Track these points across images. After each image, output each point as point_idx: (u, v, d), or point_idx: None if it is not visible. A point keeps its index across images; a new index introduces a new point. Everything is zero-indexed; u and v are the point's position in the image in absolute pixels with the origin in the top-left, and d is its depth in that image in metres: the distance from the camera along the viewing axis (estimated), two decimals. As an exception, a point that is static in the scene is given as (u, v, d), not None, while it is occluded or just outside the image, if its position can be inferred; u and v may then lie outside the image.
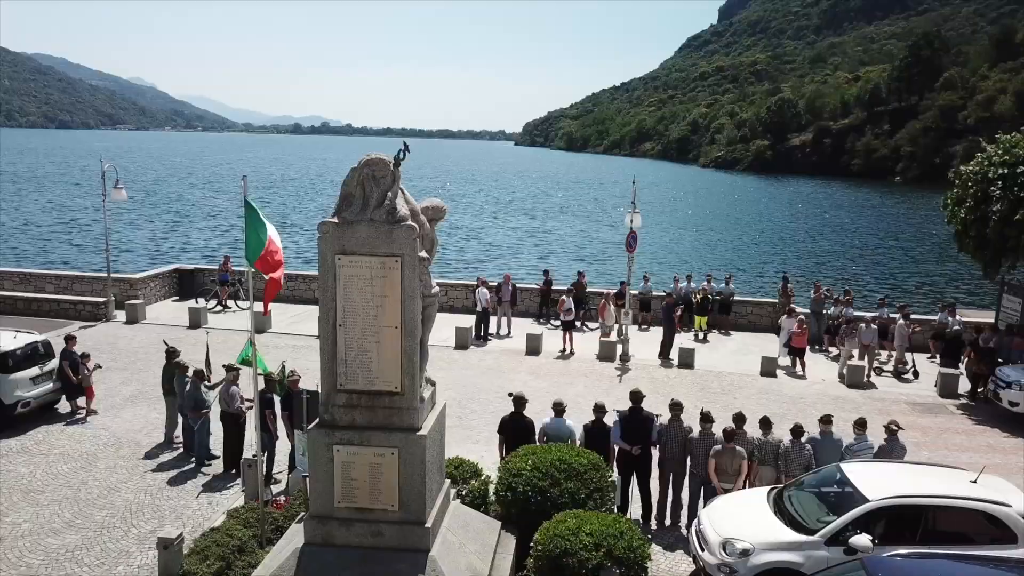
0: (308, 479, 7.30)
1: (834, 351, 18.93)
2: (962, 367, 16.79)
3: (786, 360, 17.82)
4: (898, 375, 17.56)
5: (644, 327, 21.37)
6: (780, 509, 8.50)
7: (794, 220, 63.38)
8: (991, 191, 15.78)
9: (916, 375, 17.39)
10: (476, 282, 20.49)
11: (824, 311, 19.79)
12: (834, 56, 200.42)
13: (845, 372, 16.93)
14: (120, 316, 20.51)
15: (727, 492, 9.20)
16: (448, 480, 8.21)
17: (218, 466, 11.44)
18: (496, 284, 20.59)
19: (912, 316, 19.15)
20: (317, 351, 7.05)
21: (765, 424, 9.92)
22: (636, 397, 9.96)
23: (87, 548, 9.11)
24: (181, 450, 11.91)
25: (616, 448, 9.88)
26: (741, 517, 8.44)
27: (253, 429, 11.06)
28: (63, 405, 13.66)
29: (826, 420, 9.94)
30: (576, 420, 13.88)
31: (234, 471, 11.00)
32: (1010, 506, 7.81)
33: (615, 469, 9.91)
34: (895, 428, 9.82)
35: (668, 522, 10.13)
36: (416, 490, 6.96)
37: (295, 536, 7.39)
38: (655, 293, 21.93)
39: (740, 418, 9.87)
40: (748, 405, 15.12)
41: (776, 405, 15.19)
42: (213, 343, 17.05)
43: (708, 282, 21.67)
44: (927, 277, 38.97)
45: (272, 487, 10.71)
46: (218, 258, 27.37)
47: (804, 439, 9.67)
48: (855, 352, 17.43)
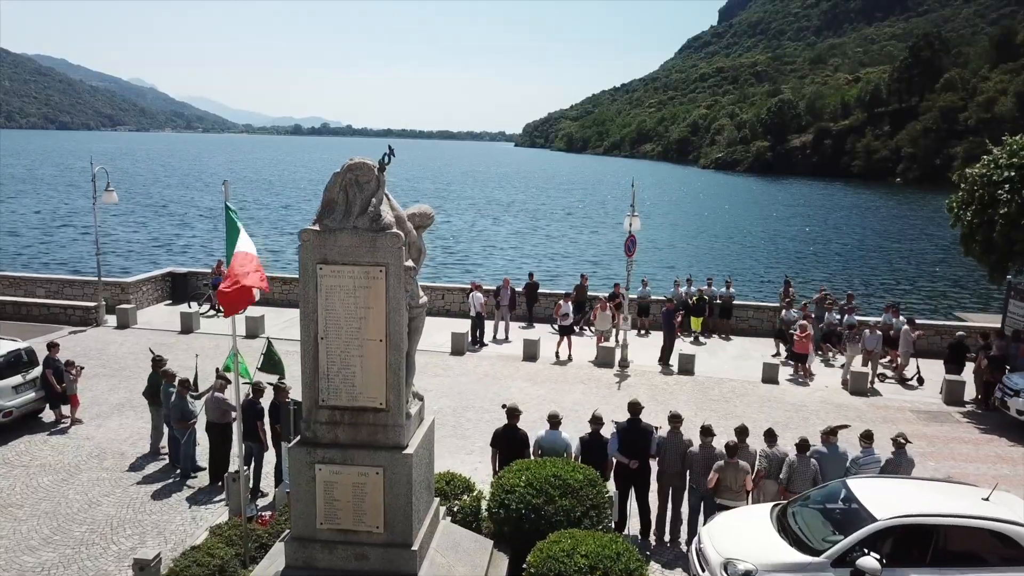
0: (289, 499, 6.97)
1: (836, 358, 18.55)
2: (964, 373, 16.47)
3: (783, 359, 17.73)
4: (902, 382, 17.22)
5: (643, 332, 21.04)
6: (784, 527, 8.16)
7: (795, 222, 63.03)
8: (997, 194, 15.44)
9: (921, 382, 17.05)
10: (471, 286, 20.15)
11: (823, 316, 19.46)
12: (834, 57, 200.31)
13: (848, 379, 16.58)
14: (111, 321, 20.18)
15: (730, 509, 8.86)
16: (437, 498, 7.87)
17: (204, 478, 11.10)
18: (495, 288, 20.26)
19: (916, 321, 18.83)
20: (312, 357, 6.73)
21: (770, 436, 9.58)
22: (634, 408, 9.62)
23: (63, 567, 8.77)
24: (167, 461, 11.57)
25: (613, 461, 9.53)
26: (743, 536, 8.10)
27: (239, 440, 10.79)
28: (47, 414, 13.32)
29: (831, 432, 9.59)
30: (573, 430, 13.60)
31: (220, 484, 10.67)
32: (1024, 525, 7.47)
33: (612, 482, 9.59)
34: (903, 441, 9.48)
35: (668, 538, 9.78)
36: (402, 511, 6.63)
37: (276, 558, 7.06)
38: (654, 297, 21.60)
39: (743, 431, 9.53)
40: (749, 413, 14.85)
41: (779, 413, 14.86)
42: (204, 348, 16.76)
43: (708, 286, 21.34)
44: (930, 280, 38.59)
45: (259, 500, 10.39)
46: (213, 261, 27.05)
47: (809, 452, 9.32)
48: (858, 358, 17.09)
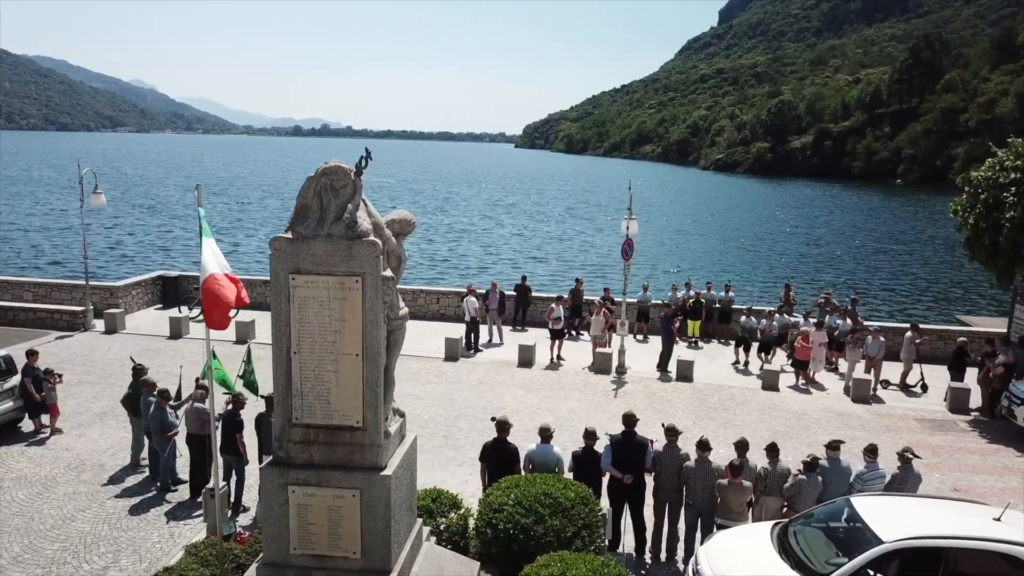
0: (262, 522, 6.59)
1: (837, 364, 18.17)
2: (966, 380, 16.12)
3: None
4: (905, 389, 16.84)
5: (641, 337, 20.67)
6: (785, 548, 7.77)
7: (796, 224, 62.64)
8: (1003, 197, 15.07)
9: (925, 389, 16.68)
10: (465, 290, 19.77)
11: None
12: (834, 58, 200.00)
13: (851, 386, 16.20)
14: (99, 326, 19.82)
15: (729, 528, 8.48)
16: (420, 519, 7.49)
17: (185, 492, 10.72)
18: (485, 292, 19.89)
19: (919, 326, 18.46)
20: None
21: (772, 451, 9.18)
22: (629, 421, 9.23)
23: (32, 588, 8.40)
24: (147, 474, 11.19)
25: (607, 476, 9.15)
26: (742, 557, 7.71)
27: (219, 452, 10.41)
28: (26, 424, 12.94)
29: (834, 446, 9.21)
30: (568, 439, 13.27)
31: (200, 499, 10.28)
32: (1039, 548, 7.08)
33: (606, 498, 9.21)
34: (909, 456, 9.10)
35: (664, 556, 9.39)
36: (380, 535, 6.24)
37: (249, 583, 6.69)
38: (655, 302, 21.22)
39: (743, 445, 9.14)
40: (749, 421, 14.48)
41: (779, 421, 14.49)
42: (193, 353, 16.36)
43: (707, 290, 20.98)
44: (933, 282, 38.19)
45: (240, 516, 10.02)
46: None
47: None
48: (860, 364, 16.72)
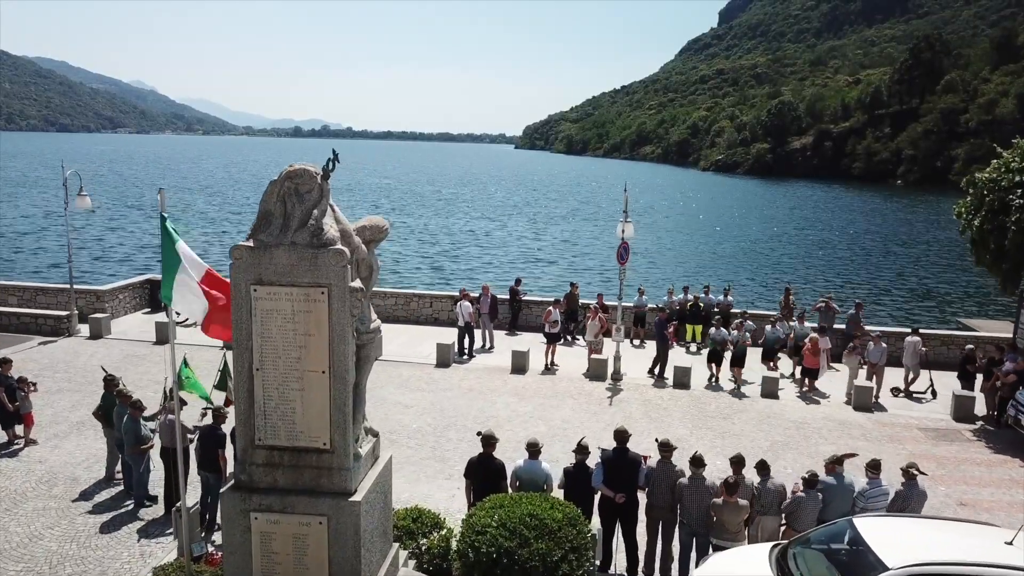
0: (224, 551, 6.17)
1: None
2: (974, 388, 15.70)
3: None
4: (909, 395, 16.44)
5: (639, 343, 20.24)
6: (784, 572, 7.35)
7: (797, 225, 62.23)
8: (1009, 200, 14.66)
9: (934, 395, 16.30)
10: (459, 294, 19.35)
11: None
12: (834, 59, 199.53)
13: (852, 394, 15.77)
14: (84, 331, 19.40)
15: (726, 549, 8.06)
16: (396, 544, 7.07)
17: (159, 508, 10.29)
18: (476, 296, 19.46)
19: (920, 331, 18.04)
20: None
21: (762, 469, 8.75)
22: (621, 437, 8.81)
23: (-9, 612, 7.99)
24: (121, 488, 10.77)
25: (599, 494, 8.73)
26: (739, 582, 7.30)
27: (196, 469, 10.00)
28: None
29: (836, 461, 8.78)
30: (561, 449, 12.85)
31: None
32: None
33: (597, 516, 8.79)
34: (915, 472, 8.67)
35: (657, 576, 8.97)
36: (349, 565, 5.83)
37: (212, 614, 6.27)
38: (652, 306, 20.77)
39: (739, 462, 8.72)
40: (748, 431, 14.06)
41: (778, 431, 14.06)
42: (178, 360, 15.86)
43: (705, 293, 20.56)
44: (936, 284, 37.76)
45: (216, 535, 9.58)
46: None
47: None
48: (863, 371, 16.31)
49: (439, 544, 7.99)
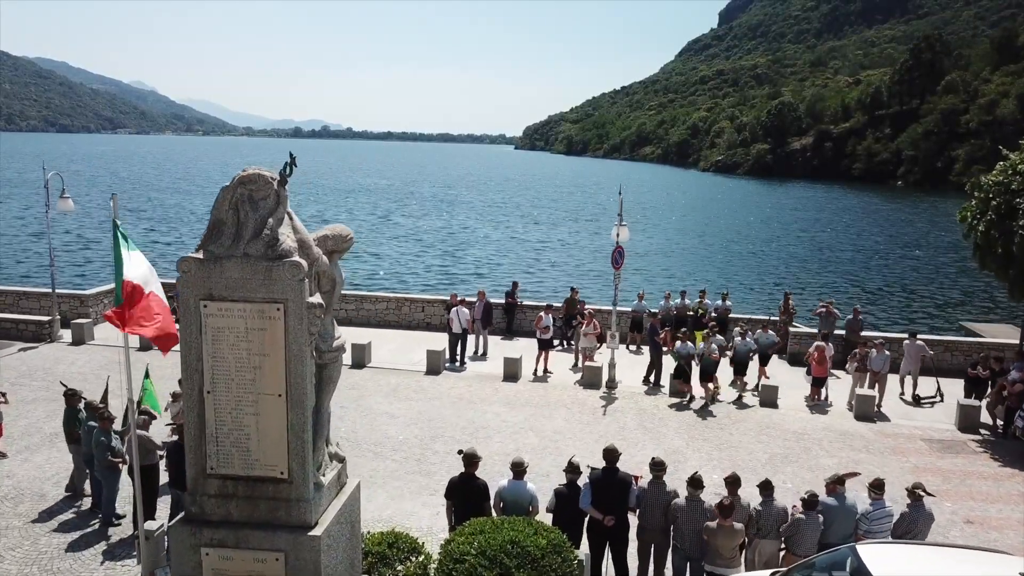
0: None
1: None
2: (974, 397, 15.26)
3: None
4: (916, 401, 16.01)
5: (635, 348, 19.76)
6: (783, 603, 6.89)
7: (797, 227, 61.73)
8: (1016, 203, 14.18)
9: (942, 398, 15.95)
10: (450, 299, 18.87)
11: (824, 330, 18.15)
12: (834, 60, 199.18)
13: (854, 403, 15.30)
14: (67, 336, 18.94)
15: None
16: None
17: (128, 527, 9.82)
18: (472, 301, 18.98)
19: (924, 337, 17.60)
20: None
21: (766, 489, 8.27)
22: (611, 456, 8.33)
23: (-60, 644, 7.52)
24: (90, 506, 10.30)
25: (587, 516, 8.26)
26: (735, 614, 6.83)
27: (169, 486, 9.54)
28: (-32, 447, 12.05)
29: (838, 481, 8.31)
30: (552, 462, 12.36)
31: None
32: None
33: (586, 539, 8.33)
34: (921, 494, 8.20)
35: (649, 603, 8.50)
36: (309, 605, 5.36)
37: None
38: (650, 311, 20.27)
39: (735, 482, 8.25)
40: (746, 442, 13.58)
41: (778, 442, 13.58)
42: (162, 367, 15.45)
43: (701, 298, 20.10)
44: (940, 287, 37.26)
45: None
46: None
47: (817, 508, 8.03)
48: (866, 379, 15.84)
49: (415, 572, 7.50)
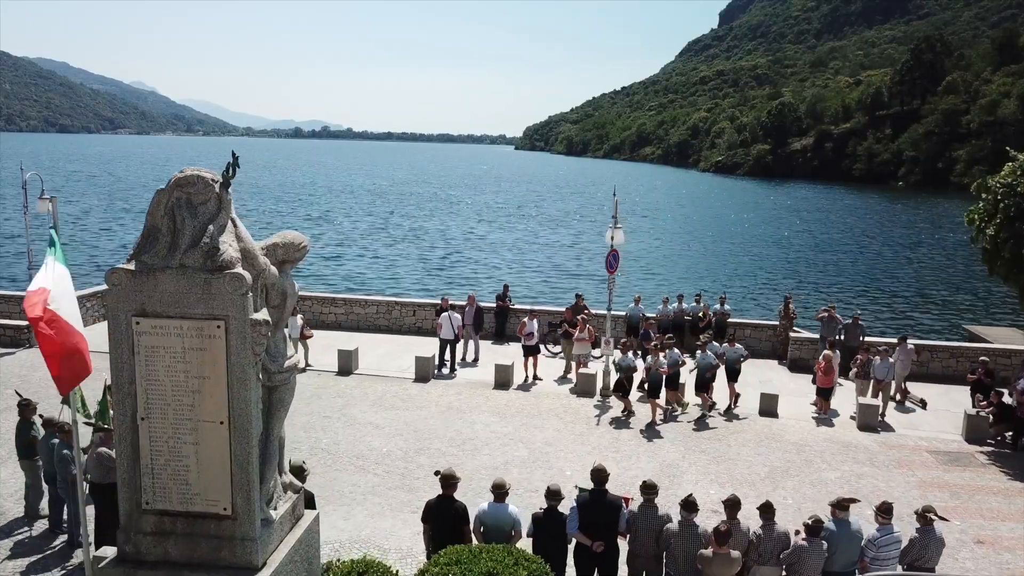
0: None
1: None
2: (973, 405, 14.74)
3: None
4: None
5: (634, 354, 19.18)
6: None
7: (799, 228, 61.17)
8: (1025, 205, 13.64)
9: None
10: (441, 303, 18.34)
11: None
12: (835, 60, 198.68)
13: (857, 412, 14.75)
14: (46, 341, 18.37)
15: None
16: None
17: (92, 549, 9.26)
18: (462, 306, 18.43)
19: (929, 343, 17.06)
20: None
21: (766, 512, 7.71)
22: (599, 476, 7.77)
23: None
24: (48, 527, 9.75)
25: (574, 542, 7.72)
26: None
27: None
28: (-71, 461, 11.51)
29: (842, 506, 7.75)
30: (543, 475, 11.81)
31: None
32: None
33: (572, 565, 7.78)
34: (932, 517, 7.65)
35: (640, 634, 7.95)
36: (256, 655, 4.82)
37: None
38: (648, 315, 19.72)
39: (734, 505, 7.69)
40: (744, 454, 13.04)
41: (777, 454, 13.03)
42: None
43: (697, 302, 19.56)
44: (937, 290, 36.70)
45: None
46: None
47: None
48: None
49: (388, 603, 6.97)
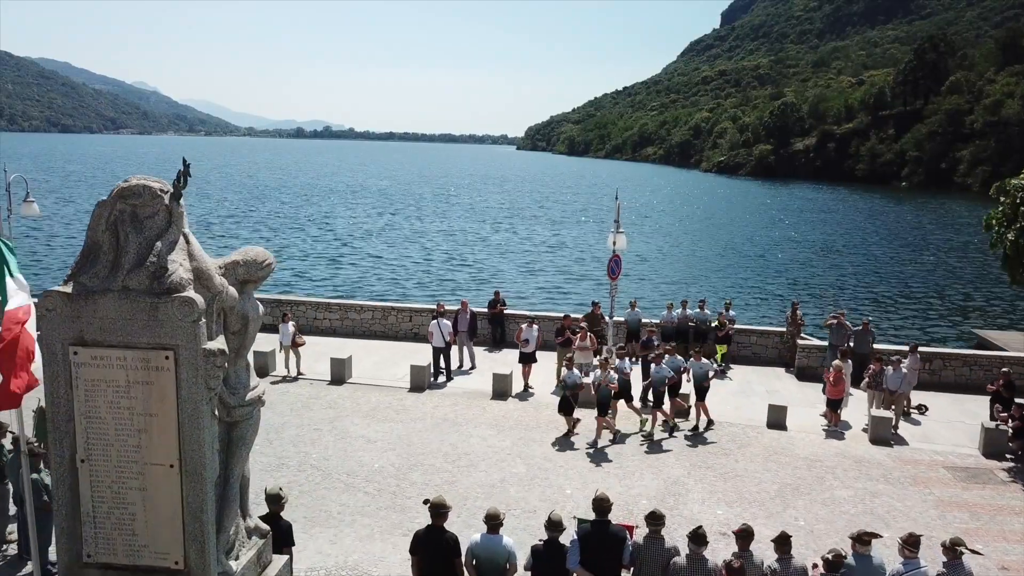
0: None
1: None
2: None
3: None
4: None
5: (633, 360, 18.62)
6: None
7: (802, 229, 60.54)
8: (1047, 209, 13.07)
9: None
10: (436, 307, 17.77)
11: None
12: (837, 60, 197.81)
13: (869, 424, 14.17)
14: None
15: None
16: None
17: None
18: (455, 311, 17.86)
19: (942, 351, 16.49)
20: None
21: (782, 544, 7.13)
22: (601, 507, 7.20)
23: None
24: (16, 552, 9.21)
25: None
26: None
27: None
28: None
29: (863, 540, 7.18)
30: (540, 495, 11.25)
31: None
32: None
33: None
34: (961, 550, 7.07)
35: (645, 674, 7.37)
36: None
37: None
38: (646, 320, 19.15)
39: (747, 536, 7.12)
40: (752, 470, 12.47)
41: (787, 470, 12.45)
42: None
43: (701, 309, 18.99)
44: (945, 294, 36.06)
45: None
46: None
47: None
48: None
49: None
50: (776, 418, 14.54)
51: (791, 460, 12.91)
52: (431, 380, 16.35)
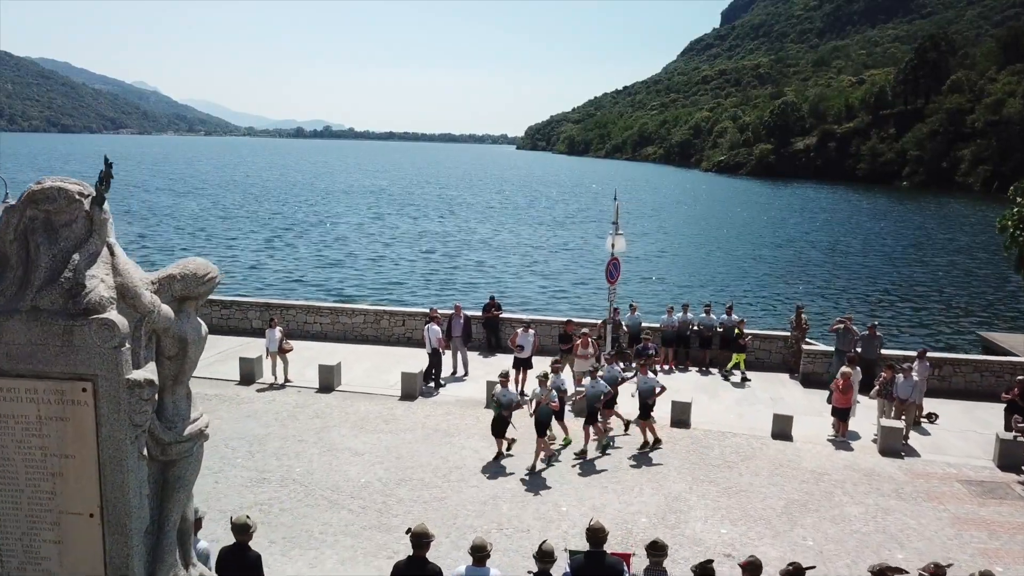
0: None
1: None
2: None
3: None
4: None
5: (630, 367, 18.06)
6: None
7: (804, 229, 59.95)
8: (1064, 211, 12.49)
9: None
10: (429, 312, 17.19)
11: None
12: (837, 59, 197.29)
13: (878, 435, 13.59)
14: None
15: None
16: None
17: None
18: (448, 316, 17.28)
19: (951, 357, 15.91)
20: (232, 406, 3.73)
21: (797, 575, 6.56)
22: (596, 537, 6.62)
23: None
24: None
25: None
26: None
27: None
28: None
29: (881, 574, 6.60)
30: (535, 512, 10.67)
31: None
32: None
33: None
34: (989, 584, 6.50)
35: None
36: None
37: None
38: (646, 325, 18.56)
39: (755, 569, 6.54)
40: (758, 484, 11.88)
41: (794, 484, 11.86)
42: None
43: (707, 313, 18.42)
44: (948, 295, 35.46)
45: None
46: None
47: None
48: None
49: None
50: (781, 428, 13.95)
51: (798, 473, 12.32)
52: (423, 386, 15.77)
